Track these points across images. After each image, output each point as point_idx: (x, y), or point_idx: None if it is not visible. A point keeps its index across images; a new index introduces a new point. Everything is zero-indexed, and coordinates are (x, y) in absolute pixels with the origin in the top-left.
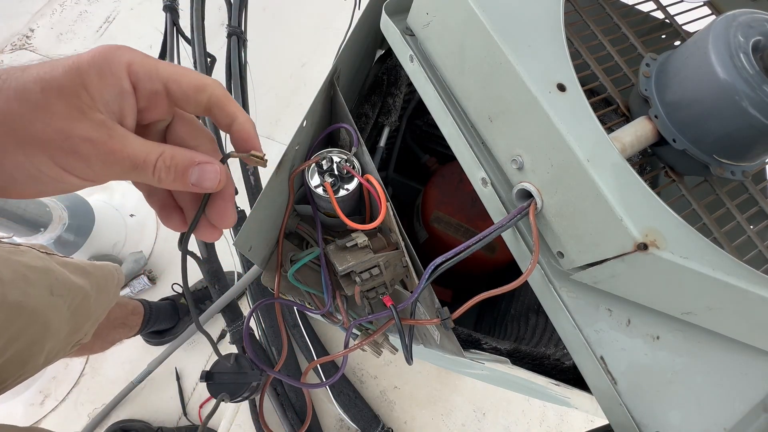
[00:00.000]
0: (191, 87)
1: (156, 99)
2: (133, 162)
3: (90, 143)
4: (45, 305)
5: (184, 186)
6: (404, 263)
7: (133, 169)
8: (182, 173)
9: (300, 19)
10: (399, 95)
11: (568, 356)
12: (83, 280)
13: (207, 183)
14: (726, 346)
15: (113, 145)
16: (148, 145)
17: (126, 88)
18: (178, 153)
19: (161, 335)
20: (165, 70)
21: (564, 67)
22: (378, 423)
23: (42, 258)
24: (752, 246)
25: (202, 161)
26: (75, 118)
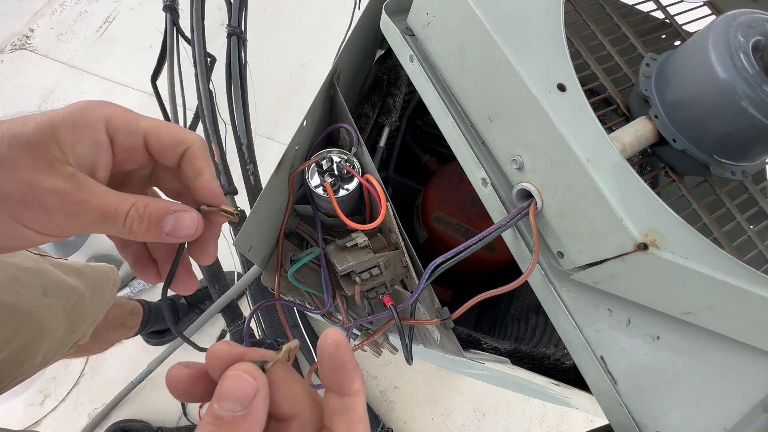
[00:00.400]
0: (171, 141)
1: (134, 151)
2: (103, 212)
3: (55, 195)
4: (38, 306)
5: (157, 236)
6: (404, 263)
7: (102, 220)
8: (156, 223)
9: (300, 19)
10: (399, 95)
11: (568, 356)
12: (77, 281)
13: (182, 231)
14: (726, 346)
15: (81, 196)
16: (120, 195)
17: (102, 141)
18: (152, 202)
19: (161, 335)
20: (145, 124)
21: (564, 67)
22: (378, 423)
23: (34, 259)
24: (752, 246)
25: (178, 209)
26: (42, 170)
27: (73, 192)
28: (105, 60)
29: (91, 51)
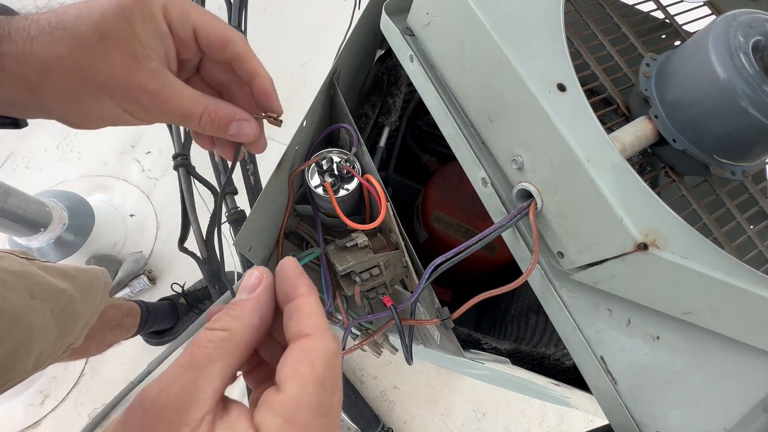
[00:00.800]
0: (217, 39)
1: (186, 42)
2: (182, 113)
3: (146, 94)
4: (25, 309)
5: (224, 135)
6: (404, 263)
7: (181, 119)
8: (224, 127)
9: (300, 19)
10: (399, 95)
11: (568, 356)
12: (66, 284)
13: (243, 137)
14: (726, 346)
15: (165, 96)
16: (195, 97)
17: (165, 32)
18: (221, 107)
19: (161, 335)
20: (196, 16)
21: (564, 67)
22: (378, 423)
23: (21, 263)
24: (752, 246)
25: (242, 118)
26: (132, 67)
27: (159, 91)
28: None
29: None
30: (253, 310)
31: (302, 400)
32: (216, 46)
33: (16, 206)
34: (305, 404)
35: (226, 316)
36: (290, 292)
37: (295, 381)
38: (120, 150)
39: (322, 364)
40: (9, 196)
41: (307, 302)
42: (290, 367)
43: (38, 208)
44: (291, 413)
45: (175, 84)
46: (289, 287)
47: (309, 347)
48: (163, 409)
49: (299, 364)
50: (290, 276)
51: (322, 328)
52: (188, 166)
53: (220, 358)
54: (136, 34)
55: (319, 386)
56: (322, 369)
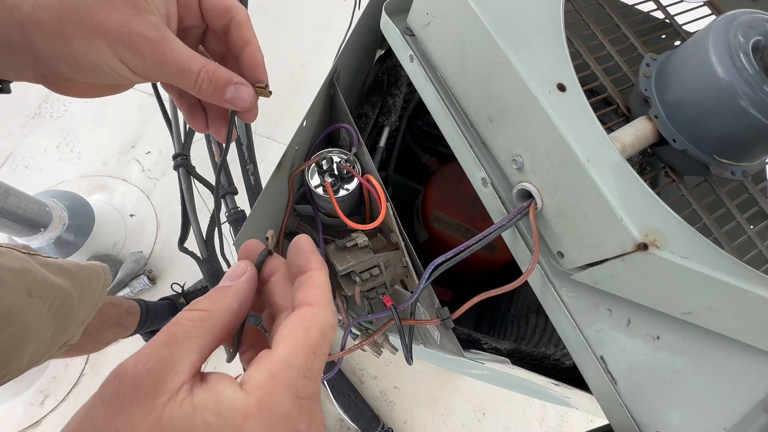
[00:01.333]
0: (220, 5)
1: (190, 7)
2: (180, 66)
3: (145, 40)
4: (21, 306)
5: (219, 100)
6: (404, 263)
7: (178, 73)
8: (221, 88)
9: (300, 19)
10: (399, 95)
11: (568, 356)
12: (65, 281)
13: (239, 102)
14: (726, 346)
15: (164, 46)
16: (193, 54)
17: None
18: (219, 69)
19: None
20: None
21: (564, 67)
22: (378, 423)
23: (21, 259)
24: (752, 246)
25: (239, 82)
26: (132, 15)
27: (158, 41)
28: None
29: None
30: (233, 296)
31: (292, 361)
32: (218, 11)
33: (16, 206)
34: (294, 365)
35: (207, 299)
36: (303, 265)
37: (288, 343)
38: (120, 150)
39: (317, 333)
40: (9, 196)
41: (317, 276)
42: (287, 330)
43: (38, 208)
44: (278, 369)
45: (174, 39)
46: (303, 260)
47: (308, 315)
48: (140, 380)
49: (296, 329)
50: (304, 250)
51: (325, 301)
52: (188, 166)
53: (197, 336)
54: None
55: (310, 352)
56: (316, 337)
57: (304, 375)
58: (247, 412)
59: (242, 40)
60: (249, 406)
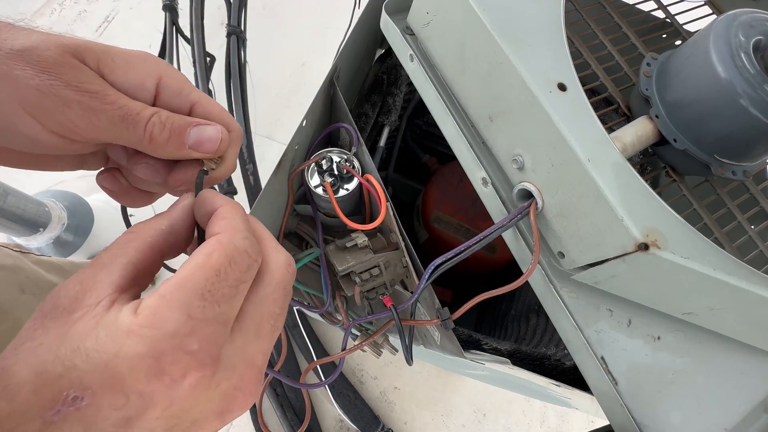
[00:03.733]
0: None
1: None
2: (124, 113)
3: (75, 88)
4: (13, 303)
5: (178, 148)
6: (404, 263)
7: (121, 121)
8: (178, 132)
9: (300, 19)
10: (399, 95)
11: (569, 357)
12: (58, 278)
13: (207, 145)
14: (727, 346)
15: (109, 97)
16: (143, 104)
17: (147, 87)
18: (173, 114)
19: None
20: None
21: (564, 67)
22: (378, 424)
23: (12, 256)
24: (753, 246)
25: (201, 123)
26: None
27: (101, 91)
28: None
29: None
30: (163, 217)
31: (185, 282)
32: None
33: (14, 206)
34: (187, 286)
35: (141, 222)
36: (210, 210)
37: (184, 268)
38: None
39: (220, 256)
40: (8, 196)
41: (224, 209)
42: (189, 259)
43: (37, 208)
44: (169, 290)
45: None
46: (208, 205)
47: (211, 242)
48: (60, 298)
49: (195, 254)
50: (207, 196)
51: (232, 227)
52: None
53: (122, 255)
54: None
55: (210, 273)
56: (219, 260)
57: (201, 296)
58: (130, 329)
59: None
60: (133, 324)
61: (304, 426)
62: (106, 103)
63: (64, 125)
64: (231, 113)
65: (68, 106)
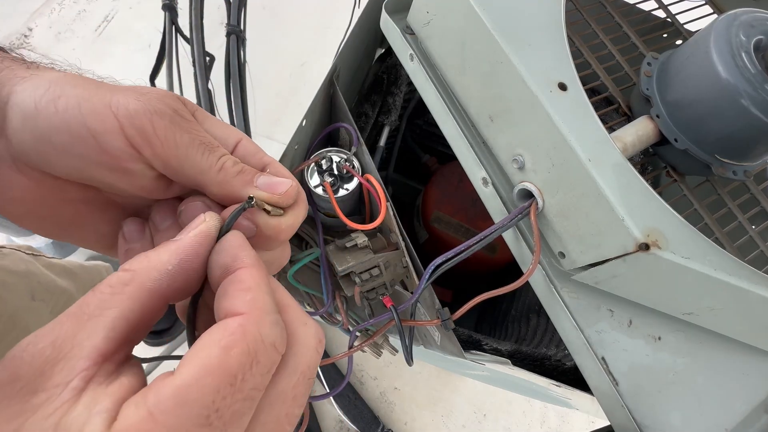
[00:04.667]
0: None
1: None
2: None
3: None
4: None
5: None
6: (404, 263)
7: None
8: (250, 171)
9: (299, 18)
10: (399, 94)
11: (569, 357)
12: (68, 282)
13: (277, 186)
14: (727, 346)
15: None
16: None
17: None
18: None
19: (159, 335)
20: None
21: (565, 66)
22: (378, 424)
23: (25, 260)
24: (754, 246)
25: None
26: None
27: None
28: (104, 59)
29: (90, 50)
30: (173, 252)
31: (188, 395)
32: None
33: None
34: (189, 402)
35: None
36: (229, 264)
37: (192, 366)
38: None
39: (241, 354)
40: None
41: (249, 274)
42: (197, 347)
43: None
44: (162, 408)
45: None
46: (228, 258)
47: (232, 328)
48: (23, 365)
49: (209, 346)
50: (231, 246)
51: (261, 308)
52: None
53: (113, 305)
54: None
55: (223, 382)
56: (239, 359)
57: (203, 422)
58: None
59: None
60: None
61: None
62: (193, 127)
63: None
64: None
65: (160, 116)
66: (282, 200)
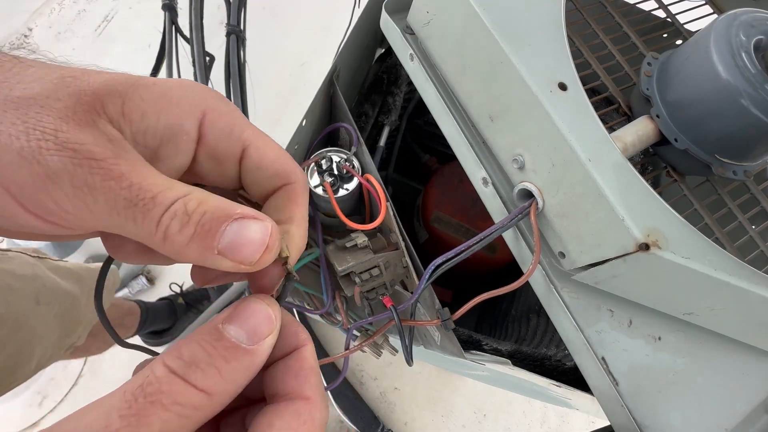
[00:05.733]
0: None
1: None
2: (134, 195)
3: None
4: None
5: (203, 251)
6: (404, 263)
7: (126, 208)
8: (208, 231)
9: (299, 18)
10: (399, 94)
11: (570, 357)
12: (73, 285)
13: (245, 249)
14: (727, 346)
15: (116, 160)
16: (169, 181)
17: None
18: (211, 199)
19: (159, 335)
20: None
21: (565, 66)
22: (378, 424)
23: (30, 264)
24: (754, 246)
25: (246, 215)
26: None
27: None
28: (103, 59)
29: (90, 50)
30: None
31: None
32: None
33: None
34: None
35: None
36: (292, 339)
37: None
38: None
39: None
40: None
41: (310, 355)
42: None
43: None
44: None
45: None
46: (291, 333)
47: (306, 414)
48: None
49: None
50: (291, 321)
51: (323, 393)
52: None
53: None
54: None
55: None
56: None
57: None
58: None
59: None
60: None
61: None
62: (111, 178)
63: (47, 207)
64: None
65: (54, 181)
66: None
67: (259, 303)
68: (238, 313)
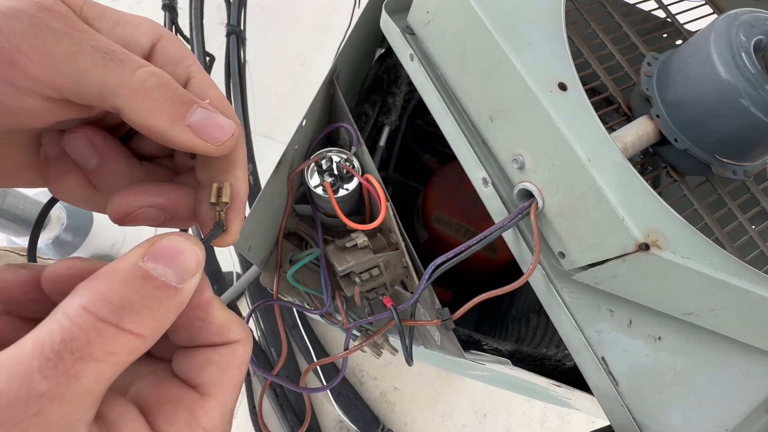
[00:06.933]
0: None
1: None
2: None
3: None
4: None
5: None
6: (404, 263)
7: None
8: (181, 102)
9: (299, 18)
10: (399, 94)
11: (570, 357)
12: None
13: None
14: (728, 346)
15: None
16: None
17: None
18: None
19: None
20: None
21: (565, 66)
22: (378, 424)
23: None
24: (754, 246)
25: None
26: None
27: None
28: None
29: None
30: (178, 310)
31: (228, 408)
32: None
33: (14, 206)
34: (229, 412)
35: (147, 310)
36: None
37: (225, 387)
38: None
39: (244, 372)
40: (7, 196)
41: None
42: (219, 369)
43: (36, 208)
44: (217, 423)
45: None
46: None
47: (239, 352)
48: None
49: (230, 368)
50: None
51: (249, 335)
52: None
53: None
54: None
55: (238, 392)
56: (243, 375)
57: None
58: None
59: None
60: None
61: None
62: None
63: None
64: None
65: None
66: (215, 150)
67: (186, 242)
68: (162, 250)
